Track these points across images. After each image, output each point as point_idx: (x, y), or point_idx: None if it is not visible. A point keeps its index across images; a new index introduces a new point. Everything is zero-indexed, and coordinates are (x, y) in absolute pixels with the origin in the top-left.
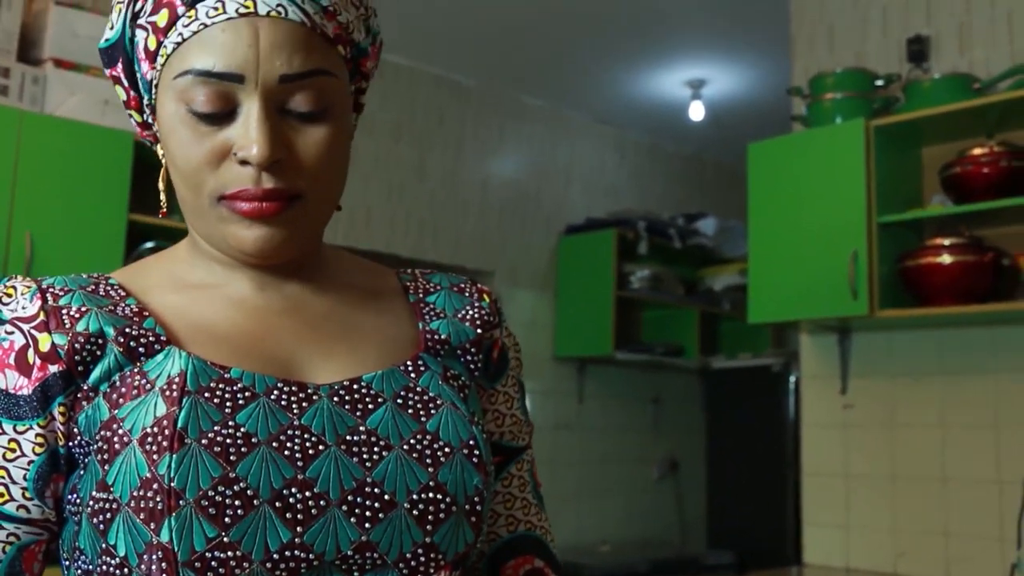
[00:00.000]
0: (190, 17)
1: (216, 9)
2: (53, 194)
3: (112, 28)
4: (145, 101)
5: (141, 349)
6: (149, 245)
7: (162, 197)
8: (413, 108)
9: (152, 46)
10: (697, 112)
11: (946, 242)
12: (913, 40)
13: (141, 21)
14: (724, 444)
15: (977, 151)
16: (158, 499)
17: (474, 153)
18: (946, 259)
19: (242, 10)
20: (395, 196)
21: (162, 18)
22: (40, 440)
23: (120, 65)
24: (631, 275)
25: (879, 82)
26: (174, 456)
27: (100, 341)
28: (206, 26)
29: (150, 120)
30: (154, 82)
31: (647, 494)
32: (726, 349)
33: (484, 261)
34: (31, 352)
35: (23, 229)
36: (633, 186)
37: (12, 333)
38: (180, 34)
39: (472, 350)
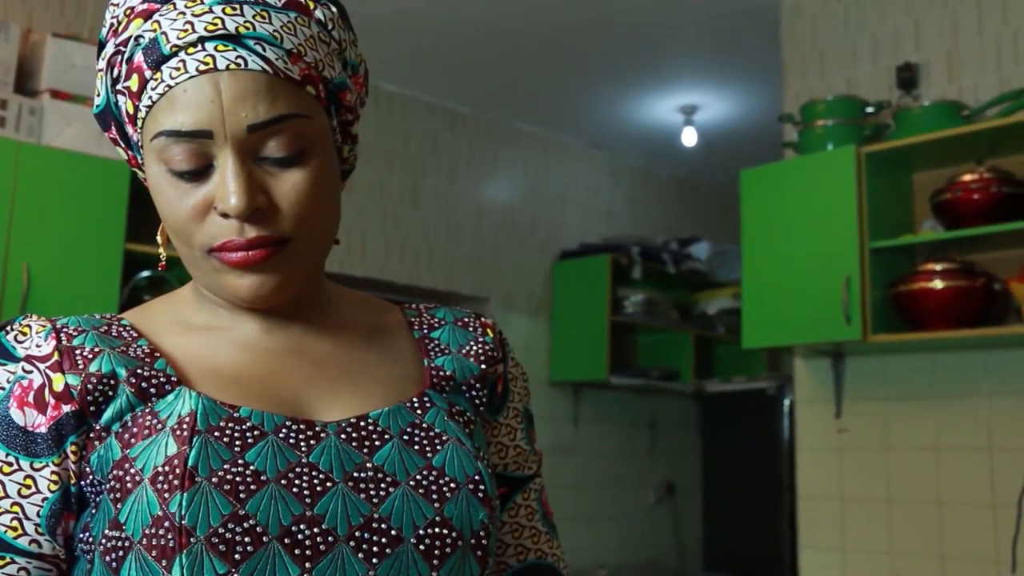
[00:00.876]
0: (156, 80)
1: (178, 69)
2: (50, 225)
3: (99, 95)
4: (139, 161)
5: (152, 390)
6: (145, 274)
7: (161, 251)
8: (407, 136)
9: (131, 110)
10: (690, 138)
11: (938, 267)
12: (903, 67)
13: (119, 87)
14: (720, 468)
15: (967, 177)
16: (170, 537)
17: (468, 180)
18: (938, 284)
19: (202, 67)
20: (390, 223)
21: (134, 83)
22: (55, 478)
23: (113, 128)
24: (625, 300)
25: (870, 109)
26: (185, 495)
27: (112, 382)
28: (171, 87)
29: None
30: (139, 144)
31: (643, 518)
32: (721, 373)
33: (479, 287)
34: (47, 391)
35: (20, 260)
36: (627, 211)
37: (31, 372)
38: (150, 97)
39: (477, 385)
